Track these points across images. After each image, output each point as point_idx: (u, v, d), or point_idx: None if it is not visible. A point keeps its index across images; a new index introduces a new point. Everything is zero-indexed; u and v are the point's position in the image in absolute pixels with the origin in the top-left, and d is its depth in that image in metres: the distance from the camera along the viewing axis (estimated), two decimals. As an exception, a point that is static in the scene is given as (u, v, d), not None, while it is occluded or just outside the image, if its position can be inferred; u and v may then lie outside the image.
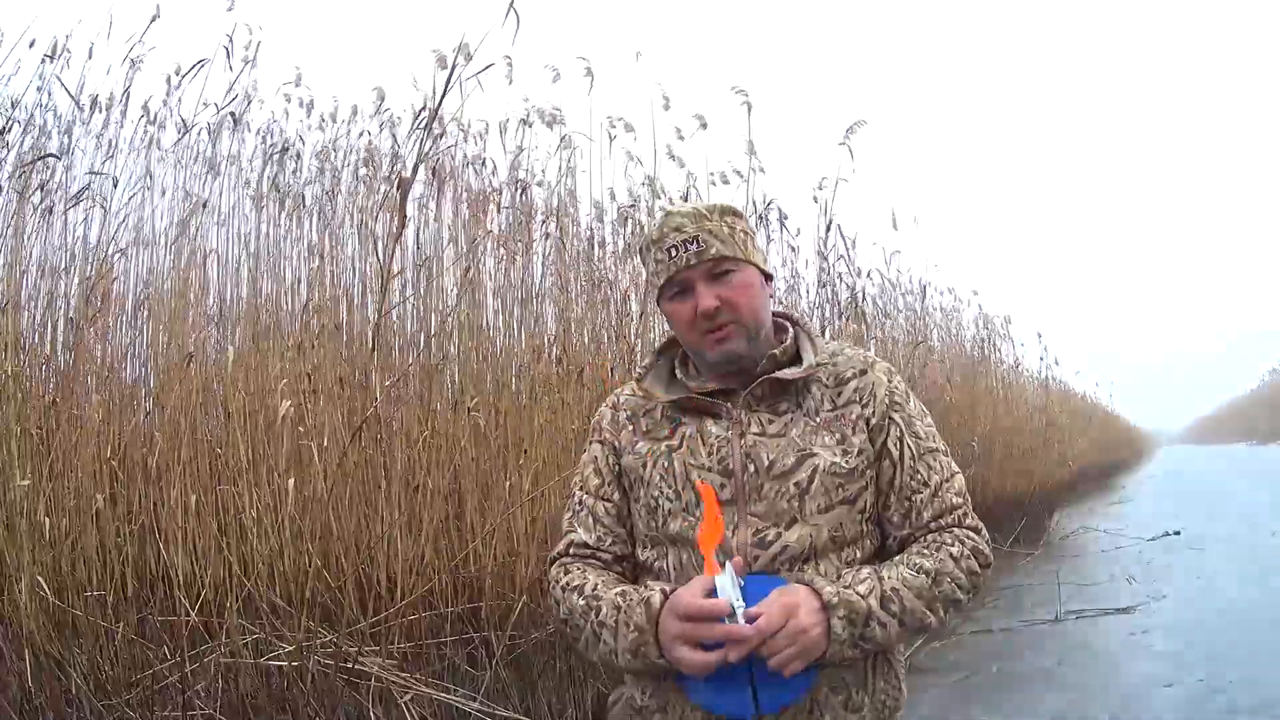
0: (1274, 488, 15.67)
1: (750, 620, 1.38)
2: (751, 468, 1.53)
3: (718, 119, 4.60)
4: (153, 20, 3.62)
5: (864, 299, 6.58)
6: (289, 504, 3.17)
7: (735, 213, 1.62)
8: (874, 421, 1.58)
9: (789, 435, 1.55)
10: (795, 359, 1.62)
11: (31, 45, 3.53)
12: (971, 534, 1.57)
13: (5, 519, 2.96)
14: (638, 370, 1.73)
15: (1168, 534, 9.64)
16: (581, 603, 1.55)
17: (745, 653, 1.38)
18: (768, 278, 1.64)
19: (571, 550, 1.65)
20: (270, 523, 3.27)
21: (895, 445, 1.58)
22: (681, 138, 4.51)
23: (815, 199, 5.06)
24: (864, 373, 1.61)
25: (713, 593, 1.41)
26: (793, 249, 5.64)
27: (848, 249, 5.61)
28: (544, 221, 4.35)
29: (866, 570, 1.50)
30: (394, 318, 3.86)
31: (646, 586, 1.51)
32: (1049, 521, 11.19)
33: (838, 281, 5.83)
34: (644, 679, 1.58)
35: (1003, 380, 10.97)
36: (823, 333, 5.65)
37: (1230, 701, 3.98)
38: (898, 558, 1.54)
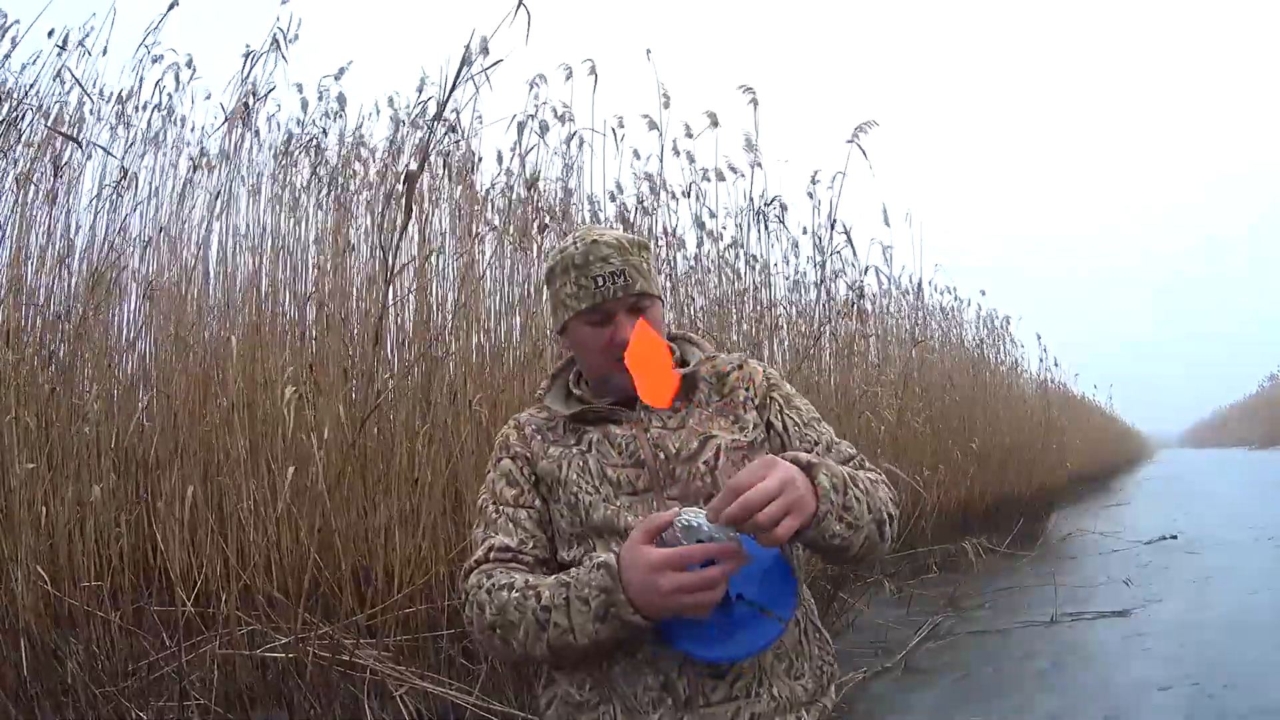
0: (1271, 493, 15.67)
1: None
2: (661, 455, 1.63)
3: (704, 116, 4.63)
4: (171, 7, 3.64)
5: (863, 296, 6.58)
6: (287, 495, 3.17)
7: (647, 247, 1.78)
8: (757, 401, 1.73)
9: (688, 425, 1.67)
10: (682, 364, 1.77)
11: (50, 35, 3.55)
12: (875, 471, 1.68)
13: (3, 508, 2.95)
14: (538, 392, 1.83)
15: (1164, 537, 9.64)
16: (515, 595, 1.52)
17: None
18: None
19: (492, 555, 1.63)
20: (268, 514, 3.27)
21: (778, 418, 1.72)
22: (690, 135, 4.53)
23: (810, 194, 5.09)
24: (740, 366, 1.77)
25: (662, 539, 1.44)
26: (793, 244, 5.64)
27: (851, 245, 5.61)
28: (547, 216, 4.35)
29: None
30: (394, 310, 3.86)
31: (589, 558, 1.54)
32: (1046, 523, 11.20)
33: (835, 279, 5.84)
34: (582, 671, 1.57)
35: (1002, 381, 10.97)
36: (822, 330, 5.66)
37: (1225, 707, 3.98)
38: None
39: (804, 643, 1.62)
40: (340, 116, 4.48)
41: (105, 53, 3.66)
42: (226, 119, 3.98)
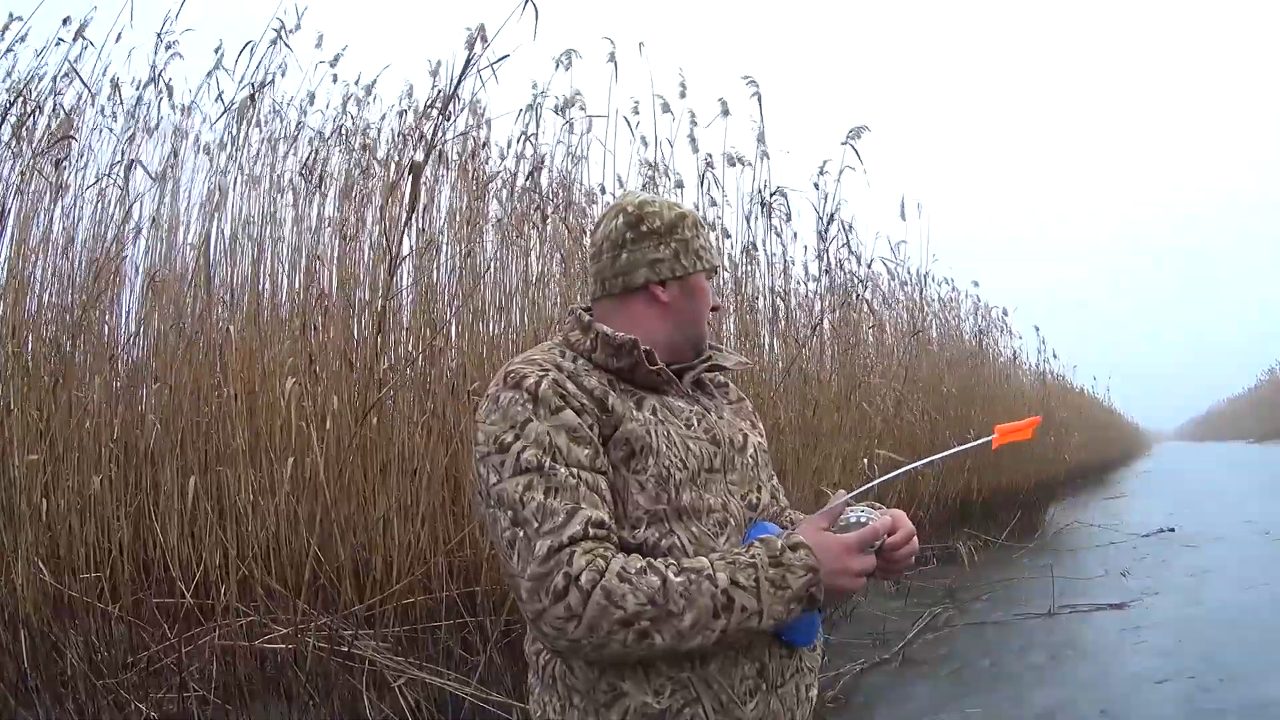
0: (1269, 487, 15.70)
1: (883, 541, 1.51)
2: (729, 439, 1.60)
3: (710, 107, 4.64)
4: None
5: (866, 287, 6.58)
6: (286, 486, 3.17)
7: None
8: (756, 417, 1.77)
9: (725, 418, 1.64)
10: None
11: (65, 22, 3.55)
12: None
13: (4, 500, 2.95)
14: (586, 344, 1.57)
15: (1162, 531, 9.66)
16: (679, 579, 1.36)
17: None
18: None
19: (592, 531, 1.38)
20: (267, 506, 3.27)
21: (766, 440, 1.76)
22: (695, 123, 4.53)
23: (817, 185, 5.08)
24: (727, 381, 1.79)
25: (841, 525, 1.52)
26: (787, 235, 5.63)
27: (848, 237, 5.61)
28: (550, 206, 4.35)
29: None
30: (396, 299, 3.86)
31: (766, 540, 1.45)
32: (1044, 516, 11.22)
33: (837, 269, 5.84)
34: (660, 676, 1.43)
35: (999, 373, 10.96)
36: (822, 320, 5.66)
37: (1221, 700, 4.00)
38: None
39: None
40: (359, 104, 4.47)
41: (119, 39, 3.67)
42: (226, 109, 3.98)
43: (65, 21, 3.59)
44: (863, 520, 1.49)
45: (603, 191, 4.51)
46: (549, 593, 1.34)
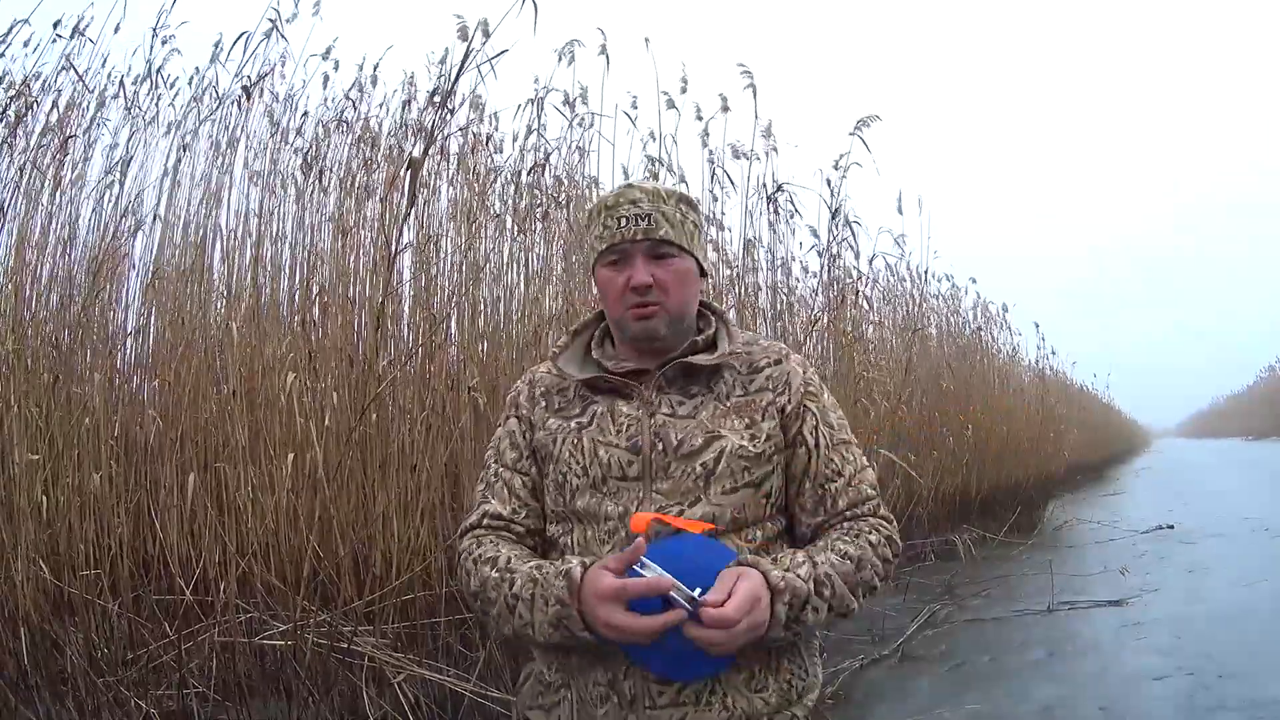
0: (1268, 484, 15.70)
1: (696, 604, 1.37)
2: (660, 446, 1.56)
3: (716, 101, 4.63)
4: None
5: (865, 283, 6.58)
6: (286, 483, 3.16)
7: (690, 203, 1.66)
8: (789, 409, 1.62)
9: (698, 417, 1.58)
10: (712, 346, 1.65)
11: (56, 25, 3.55)
12: (884, 523, 1.62)
13: (4, 498, 2.95)
14: (553, 349, 1.72)
15: (1161, 527, 9.66)
16: (495, 575, 1.54)
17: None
18: (703, 273, 1.69)
19: (485, 522, 1.65)
20: (266, 502, 3.27)
21: (810, 433, 1.61)
22: (700, 117, 4.53)
23: (829, 182, 5.06)
24: (778, 362, 1.65)
25: (632, 571, 1.40)
26: (790, 231, 5.63)
27: (853, 230, 5.60)
28: (552, 201, 4.34)
29: (801, 554, 1.52)
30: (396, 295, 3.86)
31: (564, 560, 1.50)
32: (1043, 512, 11.21)
33: (832, 264, 5.83)
34: (551, 654, 1.58)
35: (999, 369, 10.96)
36: (820, 316, 5.65)
37: (1220, 697, 4.00)
38: (822, 543, 1.57)
39: (773, 655, 1.55)
40: (360, 91, 4.45)
41: (117, 30, 3.66)
42: (221, 102, 3.97)
43: (55, 25, 3.58)
44: (641, 574, 1.39)
45: (597, 185, 4.51)
46: (457, 563, 1.66)
